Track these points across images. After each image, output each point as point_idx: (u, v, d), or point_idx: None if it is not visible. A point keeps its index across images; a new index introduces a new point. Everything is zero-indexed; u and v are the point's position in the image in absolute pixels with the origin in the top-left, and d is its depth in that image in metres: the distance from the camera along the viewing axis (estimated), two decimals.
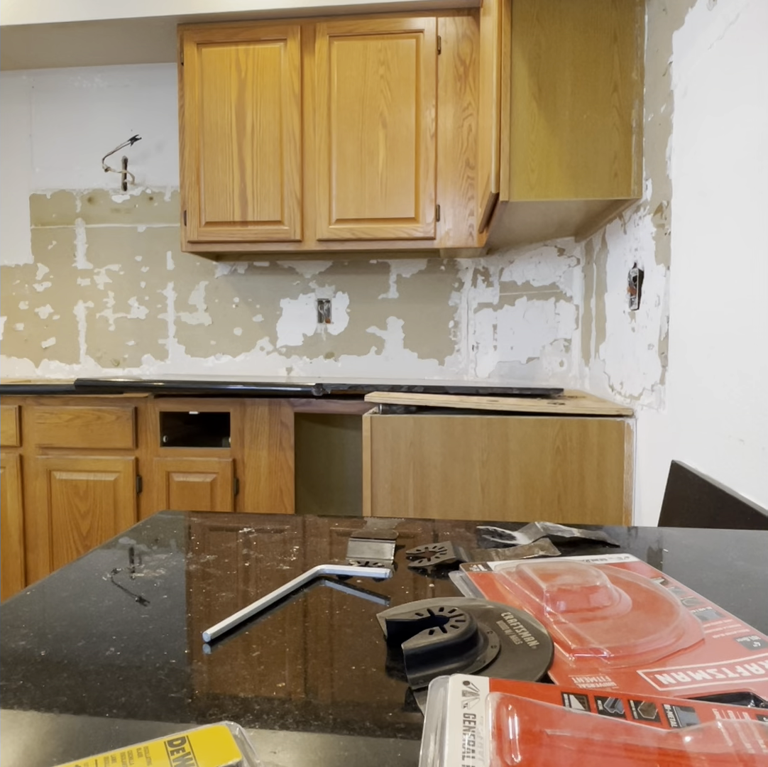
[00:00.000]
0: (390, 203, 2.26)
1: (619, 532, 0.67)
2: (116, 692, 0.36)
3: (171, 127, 2.69)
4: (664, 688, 0.35)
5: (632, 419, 1.58)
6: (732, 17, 1.05)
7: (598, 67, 1.55)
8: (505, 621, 0.42)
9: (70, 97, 2.77)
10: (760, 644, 0.40)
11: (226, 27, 2.30)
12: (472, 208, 2.25)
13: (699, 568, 0.56)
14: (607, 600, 0.45)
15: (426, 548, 0.60)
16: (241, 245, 2.38)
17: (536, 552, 0.58)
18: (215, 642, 0.42)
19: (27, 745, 0.31)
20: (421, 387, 1.93)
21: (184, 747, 0.29)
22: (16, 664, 0.39)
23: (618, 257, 1.79)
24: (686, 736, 0.28)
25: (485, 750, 0.27)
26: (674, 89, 1.34)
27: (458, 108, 2.23)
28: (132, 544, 0.63)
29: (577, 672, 0.37)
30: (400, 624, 0.41)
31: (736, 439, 1.02)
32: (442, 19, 2.22)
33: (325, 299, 2.67)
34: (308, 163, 2.30)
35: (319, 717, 0.34)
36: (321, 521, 0.71)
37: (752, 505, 0.92)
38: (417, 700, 0.35)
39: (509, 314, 2.58)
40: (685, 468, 1.19)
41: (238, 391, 2.05)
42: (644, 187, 1.53)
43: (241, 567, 0.57)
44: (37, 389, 2.22)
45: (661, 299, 1.40)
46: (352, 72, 2.25)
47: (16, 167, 2.81)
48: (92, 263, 2.79)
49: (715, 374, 1.10)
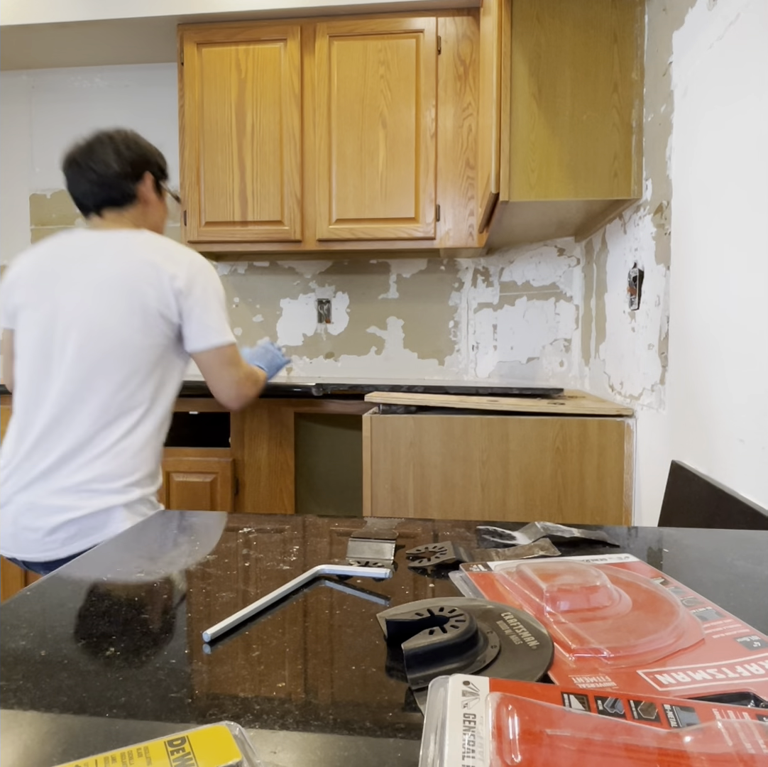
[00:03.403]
0: (390, 202, 2.26)
1: (619, 532, 0.67)
2: (116, 692, 0.36)
3: (171, 127, 2.69)
4: (664, 688, 0.35)
5: (632, 419, 1.58)
6: (732, 17, 1.05)
7: (598, 67, 1.55)
8: (505, 621, 0.42)
9: (70, 97, 2.77)
10: (760, 644, 0.40)
11: (226, 27, 2.30)
12: (472, 208, 2.25)
13: (699, 568, 0.56)
14: (607, 600, 0.45)
15: (426, 548, 0.60)
16: (241, 245, 2.38)
17: (536, 552, 0.58)
18: (215, 642, 0.42)
19: (27, 745, 0.31)
20: (421, 387, 1.93)
21: (184, 747, 0.29)
22: (16, 664, 0.39)
23: (618, 257, 1.79)
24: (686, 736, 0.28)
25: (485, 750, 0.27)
26: (674, 89, 1.34)
27: (458, 108, 2.23)
28: (132, 544, 0.63)
29: (577, 672, 0.37)
30: (400, 624, 0.41)
31: (736, 439, 1.02)
32: (442, 19, 2.22)
33: (325, 299, 2.67)
34: (308, 163, 2.30)
35: (319, 717, 0.34)
36: (321, 521, 0.71)
37: (752, 505, 0.92)
38: (417, 700, 0.35)
39: (509, 314, 2.58)
40: (685, 468, 1.19)
41: None
42: (644, 187, 1.53)
43: (241, 567, 0.57)
44: None
45: (661, 299, 1.40)
46: (352, 72, 2.25)
47: (16, 167, 2.81)
48: None
49: (715, 374, 1.10)
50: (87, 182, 1.32)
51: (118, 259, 1.27)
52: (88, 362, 1.25)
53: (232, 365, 1.37)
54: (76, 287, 1.27)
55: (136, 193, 1.36)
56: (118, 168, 1.33)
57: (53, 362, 1.26)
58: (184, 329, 1.31)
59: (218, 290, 1.34)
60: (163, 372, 1.31)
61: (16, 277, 1.34)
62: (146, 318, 1.26)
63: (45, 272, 1.30)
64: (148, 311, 1.26)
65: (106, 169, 1.32)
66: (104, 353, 1.25)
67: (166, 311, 1.27)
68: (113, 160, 1.32)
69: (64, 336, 1.26)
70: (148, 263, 1.26)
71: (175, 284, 1.27)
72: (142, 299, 1.25)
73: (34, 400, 1.27)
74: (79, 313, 1.25)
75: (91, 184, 1.32)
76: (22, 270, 1.34)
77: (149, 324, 1.26)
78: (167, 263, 1.27)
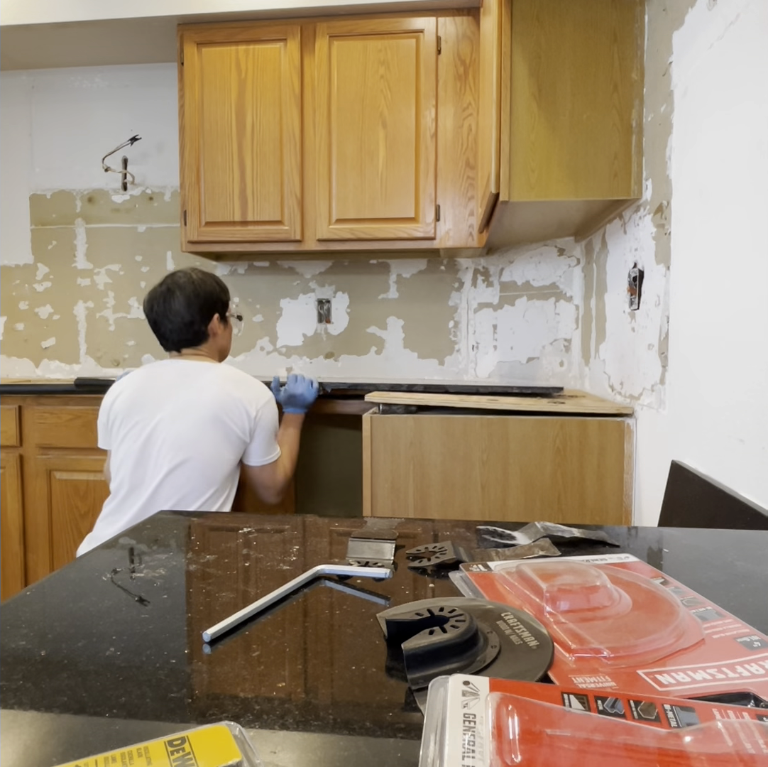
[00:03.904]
0: (390, 202, 2.26)
1: (619, 532, 0.67)
2: (116, 692, 0.36)
3: (171, 127, 2.69)
4: (664, 688, 0.35)
5: (632, 419, 1.58)
6: (732, 17, 1.05)
7: (598, 67, 1.55)
8: (505, 621, 0.42)
9: (70, 97, 2.77)
10: (760, 644, 0.40)
11: (226, 27, 2.30)
12: (472, 208, 2.25)
13: (699, 568, 0.56)
14: (607, 600, 0.45)
15: (426, 548, 0.60)
16: (241, 245, 2.37)
17: (536, 552, 0.58)
18: (215, 642, 0.42)
19: (27, 745, 0.31)
20: (421, 387, 1.93)
21: (184, 747, 0.29)
22: (16, 664, 0.39)
23: (618, 257, 1.79)
24: (686, 736, 0.28)
25: (485, 750, 0.27)
26: (674, 89, 1.34)
27: (458, 108, 2.23)
28: (132, 544, 0.63)
29: (577, 672, 0.37)
30: (400, 624, 0.41)
31: (736, 439, 1.02)
32: (442, 19, 2.21)
33: (325, 299, 2.67)
34: (308, 163, 2.30)
35: (319, 717, 0.34)
36: (321, 521, 0.71)
37: (752, 505, 0.92)
38: (417, 700, 0.35)
39: (509, 314, 2.58)
40: (685, 468, 1.19)
41: None
42: (644, 187, 1.53)
43: (241, 567, 0.57)
44: (37, 389, 2.22)
45: (661, 299, 1.40)
46: (352, 72, 2.25)
47: (16, 167, 2.81)
48: (92, 263, 2.79)
49: (715, 373, 1.10)
50: (166, 329, 1.63)
51: (204, 388, 1.56)
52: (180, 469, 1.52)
53: (271, 484, 1.71)
54: (170, 413, 1.53)
55: (207, 332, 1.66)
56: (189, 317, 1.62)
57: (148, 471, 1.53)
58: (249, 448, 1.63)
59: (275, 419, 1.67)
60: (231, 482, 1.62)
61: (112, 399, 1.61)
62: (230, 441, 1.56)
63: (138, 402, 1.56)
64: (229, 433, 1.56)
65: (181, 320, 1.61)
66: (195, 462, 1.53)
67: (242, 434, 1.58)
68: (185, 311, 1.61)
69: (158, 452, 1.53)
70: (230, 395, 1.56)
71: (251, 415, 1.58)
72: (224, 424, 1.55)
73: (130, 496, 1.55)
74: (173, 432, 1.53)
75: (170, 331, 1.63)
76: (119, 393, 1.60)
77: (232, 445, 1.57)
78: (244, 397, 1.58)
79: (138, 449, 1.53)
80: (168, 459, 1.52)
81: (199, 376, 1.58)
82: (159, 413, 1.53)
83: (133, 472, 1.54)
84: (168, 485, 1.52)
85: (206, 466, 1.53)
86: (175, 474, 1.52)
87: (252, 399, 1.59)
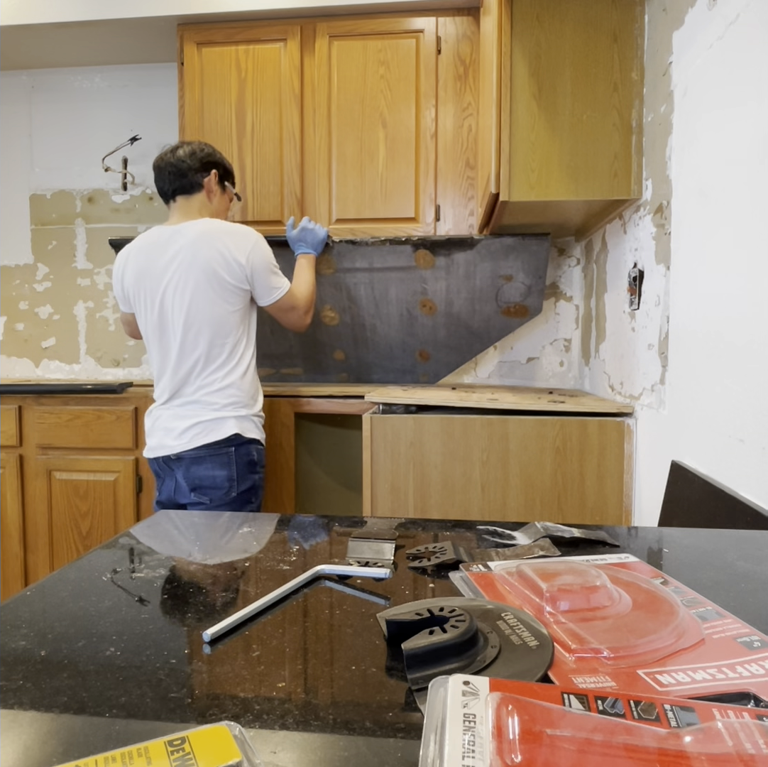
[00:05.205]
0: (390, 202, 2.26)
1: (619, 532, 0.67)
2: (116, 692, 0.36)
3: (171, 127, 2.69)
4: (664, 688, 0.35)
5: (632, 419, 1.58)
6: (732, 17, 1.05)
7: (598, 67, 1.55)
8: (505, 621, 0.42)
9: (70, 97, 2.77)
10: (760, 644, 0.40)
11: (226, 27, 2.30)
12: (472, 208, 2.25)
13: (699, 568, 0.56)
14: (607, 600, 0.45)
15: (426, 548, 0.60)
16: None
17: (536, 552, 0.58)
18: (215, 642, 0.42)
19: (27, 745, 0.31)
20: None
21: (184, 747, 0.29)
22: (16, 664, 0.39)
23: (618, 257, 1.79)
24: (686, 736, 0.28)
25: (485, 750, 0.27)
26: (674, 89, 1.34)
27: (458, 108, 2.23)
28: (132, 544, 0.63)
29: (577, 672, 0.37)
30: (400, 624, 0.41)
31: (736, 439, 1.02)
32: (442, 19, 2.21)
33: None
34: (308, 163, 2.30)
35: (319, 717, 0.34)
36: (321, 521, 0.71)
37: (752, 505, 0.92)
38: (417, 700, 0.35)
39: None
40: (685, 468, 1.19)
41: None
42: (644, 187, 1.53)
43: (241, 567, 0.57)
44: (37, 389, 2.22)
45: (661, 299, 1.40)
46: (352, 72, 2.25)
47: (16, 167, 2.81)
48: (92, 263, 2.79)
49: (715, 373, 1.10)
50: (166, 174, 1.75)
51: (196, 251, 1.66)
52: (192, 331, 1.68)
53: (292, 309, 1.81)
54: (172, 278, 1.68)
55: (202, 183, 1.76)
56: (189, 164, 1.74)
57: (169, 333, 1.71)
58: (254, 292, 1.73)
59: (269, 256, 1.73)
60: (246, 327, 1.75)
61: (121, 273, 1.78)
62: (226, 292, 1.67)
63: (144, 272, 1.72)
64: (227, 287, 1.67)
65: (181, 164, 1.73)
66: (201, 323, 1.67)
67: (239, 284, 1.68)
68: (188, 158, 1.74)
69: (172, 316, 1.70)
70: (219, 251, 1.66)
71: (241, 263, 1.67)
72: (221, 280, 1.66)
73: (163, 360, 1.74)
74: (178, 298, 1.68)
75: (169, 174, 1.75)
76: (125, 266, 1.76)
77: (231, 294, 1.68)
78: (233, 248, 1.66)
79: (156, 319, 1.71)
80: (180, 323, 1.68)
81: (191, 235, 1.68)
82: (164, 278, 1.68)
83: (160, 342, 1.73)
84: (189, 345, 1.68)
85: (215, 323, 1.67)
86: (192, 334, 1.67)
87: (240, 247, 1.67)
